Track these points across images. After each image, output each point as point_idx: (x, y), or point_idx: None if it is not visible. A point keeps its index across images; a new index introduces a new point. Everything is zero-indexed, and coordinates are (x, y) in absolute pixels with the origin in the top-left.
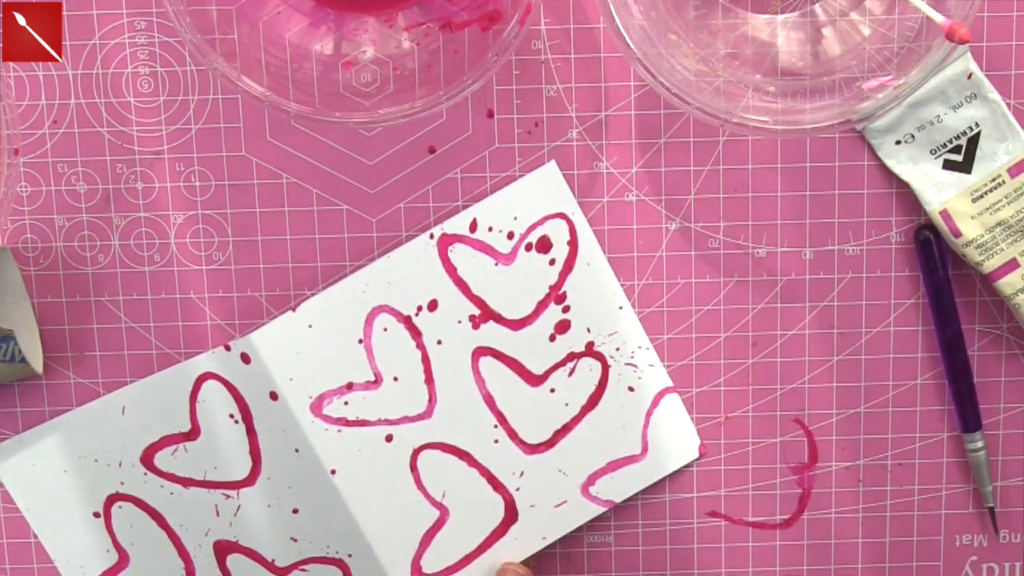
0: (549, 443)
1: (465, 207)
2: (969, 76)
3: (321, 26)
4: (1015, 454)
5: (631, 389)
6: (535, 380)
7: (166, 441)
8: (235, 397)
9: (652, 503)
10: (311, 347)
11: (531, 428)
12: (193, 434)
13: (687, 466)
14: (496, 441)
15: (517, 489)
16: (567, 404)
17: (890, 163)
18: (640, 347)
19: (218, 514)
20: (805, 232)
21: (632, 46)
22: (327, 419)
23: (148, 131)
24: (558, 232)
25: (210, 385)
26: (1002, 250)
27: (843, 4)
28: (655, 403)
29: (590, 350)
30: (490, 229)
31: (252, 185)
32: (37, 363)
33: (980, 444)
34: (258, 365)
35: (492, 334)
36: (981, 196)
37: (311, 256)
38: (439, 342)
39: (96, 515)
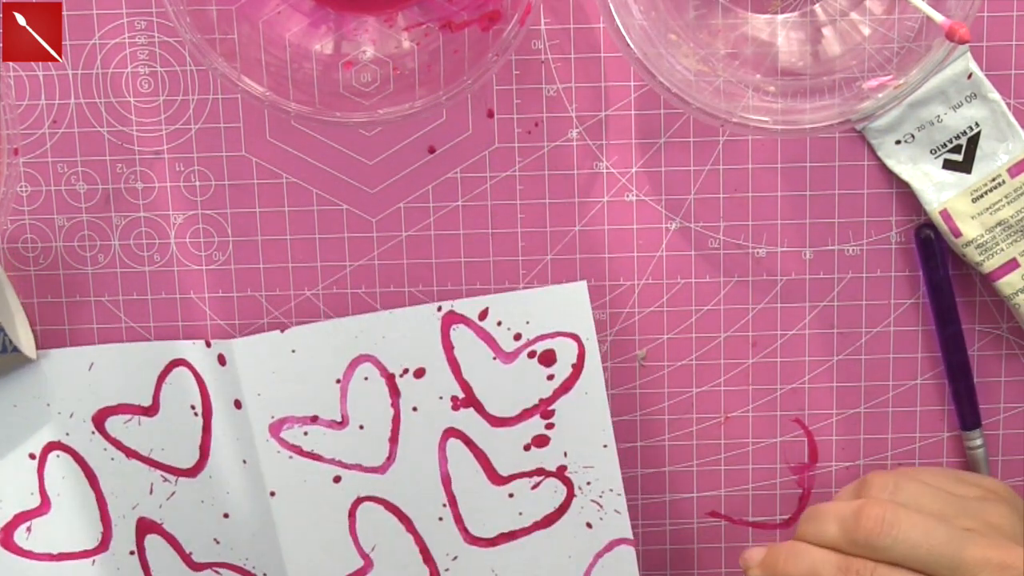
0: (491, 541)
1: (465, 205)
2: (969, 76)
3: (321, 26)
4: (1015, 454)
5: (589, 526)
6: (498, 479)
7: (123, 408)
8: (201, 391)
9: (652, 503)
10: (288, 371)
11: (479, 521)
12: (152, 411)
13: (687, 466)
14: (440, 519)
15: (447, 569)
16: (521, 513)
17: (890, 163)
18: (611, 490)
19: (151, 492)
20: (805, 232)
21: (632, 46)
22: (282, 443)
23: (148, 131)
24: (566, 351)
25: (181, 371)
26: (1002, 250)
27: (843, 4)
28: (608, 548)
29: (560, 473)
30: (499, 323)
31: (252, 185)
32: (30, 349)
33: (979, 442)
34: (231, 370)
35: (468, 421)
36: (981, 196)
37: (311, 256)
38: (415, 409)
39: (32, 456)
